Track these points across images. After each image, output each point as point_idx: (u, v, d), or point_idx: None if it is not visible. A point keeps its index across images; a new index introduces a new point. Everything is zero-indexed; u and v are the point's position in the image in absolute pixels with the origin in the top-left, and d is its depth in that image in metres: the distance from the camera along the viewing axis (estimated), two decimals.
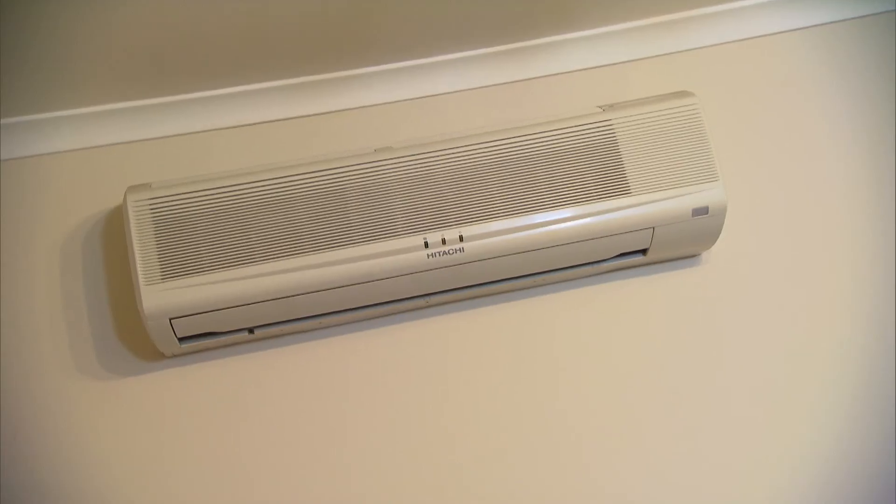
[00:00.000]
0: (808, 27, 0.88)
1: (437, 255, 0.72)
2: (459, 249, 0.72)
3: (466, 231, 0.72)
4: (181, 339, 0.71)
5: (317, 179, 0.70)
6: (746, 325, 0.81)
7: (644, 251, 0.79)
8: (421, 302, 0.77)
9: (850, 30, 0.89)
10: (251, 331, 0.73)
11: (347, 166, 0.71)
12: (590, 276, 0.80)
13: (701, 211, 0.77)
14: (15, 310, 0.72)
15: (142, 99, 0.72)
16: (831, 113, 0.88)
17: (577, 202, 0.75)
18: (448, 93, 0.84)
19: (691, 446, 0.77)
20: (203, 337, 0.72)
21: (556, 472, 0.75)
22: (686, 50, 0.85)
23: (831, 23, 0.88)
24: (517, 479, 0.74)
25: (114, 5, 0.53)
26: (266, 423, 0.74)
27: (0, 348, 0.70)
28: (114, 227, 0.73)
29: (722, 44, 0.86)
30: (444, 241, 0.72)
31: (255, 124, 0.75)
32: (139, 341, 0.72)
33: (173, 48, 0.64)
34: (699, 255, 0.82)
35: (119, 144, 0.73)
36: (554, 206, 0.74)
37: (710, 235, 0.79)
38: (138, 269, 0.68)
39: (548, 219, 0.74)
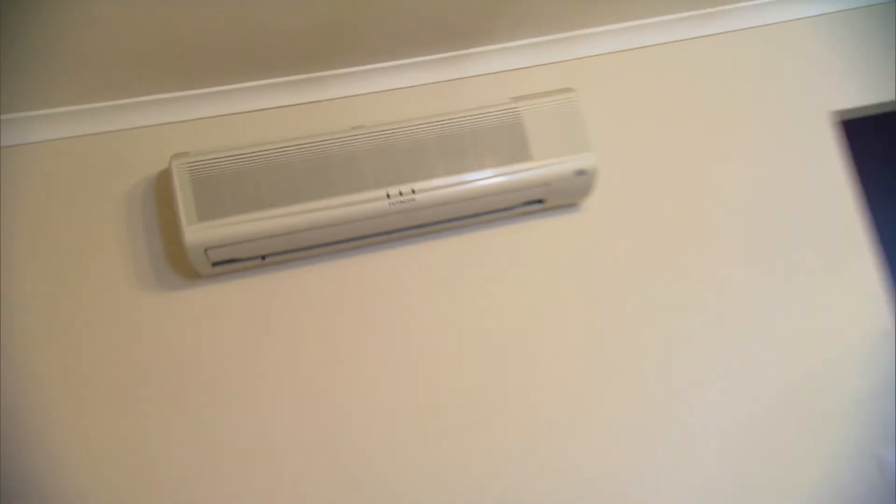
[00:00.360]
0: (660, 44, 1.23)
1: (396, 203, 1.02)
2: (412, 199, 1.02)
3: (417, 186, 1.02)
4: (213, 264, 0.98)
5: (309, 147, 0.98)
6: (612, 251, 1.17)
7: (542, 201, 1.12)
8: (384, 238, 1.08)
9: (688, 46, 1.25)
10: (263, 258, 1.02)
11: (331, 138, 1.00)
12: (503, 219, 1.13)
13: (580, 172, 1.10)
14: (94, 242, 0.98)
15: (171, 91, 0.99)
16: (675, 105, 1.24)
17: (494, 165, 1.06)
18: (406, 87, 1.14)
19: (574, 337, 1.12)
20: (229, 262, 1.00)
21: (481, 360, 1.09)
22: (572, 59, 1.18)
23: (674, 42, 1.23)
24: (462, 362, 1.07)
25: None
26: (271, 324, 1.04)
27: (82, 269, 0.97)
28: (162, 185, 0.99)
29: (598, 55, 1.20)
30: (400, 194, 1.02)
31: (263, 110, 1.04)
32: (183, 266, 0.99)
33: (197, 52, 0.91)
34: (579, 203, 1.17)
35: (163, 125, 0.99)
36: (479, 168, 1.05)
37: (586, 189, 1.13)
38: (181, 213, 0.94)
39: (474, 177, 1.05)
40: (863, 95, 1.30)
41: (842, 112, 1.31)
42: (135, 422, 0.98)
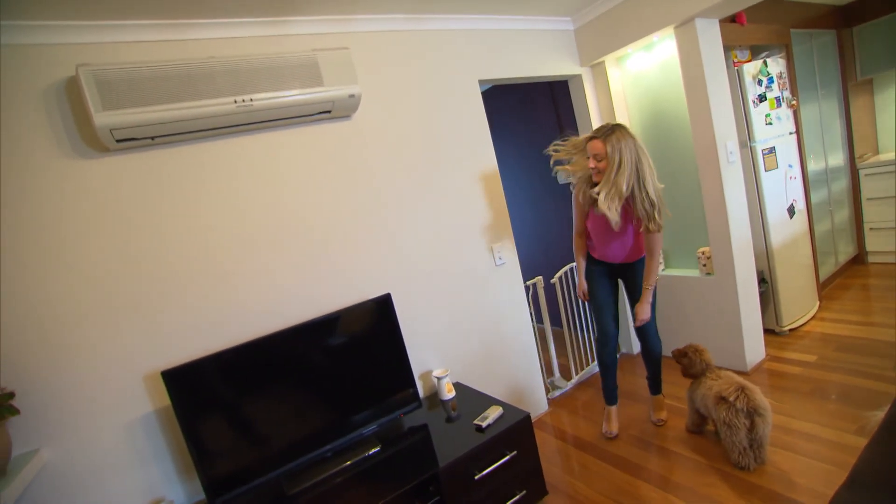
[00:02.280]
0: (396, 30, 2.12)
1: (240, 106, 1.68)
2: (250, 104, 1.70)
3: (254, 96, 1.70)
4: (117, 141, 1.51)
5: (182, 66, 1.56)
6: (368, 143, 2.08)
7: (329, 111, 1.93)
8: (232, 129, 1.75)
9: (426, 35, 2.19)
10: (152, 139, 1.59)
11: (197, 61, 1.59)
12: (306, 122, 1.92)
13: (352, 96, 1.93)
14: (27, 127, 1.40)
15: (81, 20, 1.43)
16: (401, 65, 2.18)
17: (301, 87, 1.80)
18: (248, 36, 1.78)
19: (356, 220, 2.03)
20: (128, 140, 1.54)
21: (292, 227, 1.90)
22: (348, 32, 2.00)
23: (402, 31, 2.15)
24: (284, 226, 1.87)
25: None
26: (158, 182, 1.64)
27: (22, 148, 1.41)
28: (72, 87, 1.47)
29: (364, 31, 2.04)
30: (244, 101, 1.69)
31: (146, 42, 1.57)
32: (95, 143, 1.51)
33: None
34: (351, 115, 2.03)
35: (73, 44, 1.46)
36: (292, 88, 1.78)
37: (355, 106, 1.98)
38: (89, 104, 1.44)
39: (289, 93, 1.78)
40: (498, 72, 2.48)
41: (483, 80, 2.46)
42: (65, 243, 1.49)
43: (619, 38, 2.60)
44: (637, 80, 2.83)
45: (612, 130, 1.89)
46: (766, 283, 2.85)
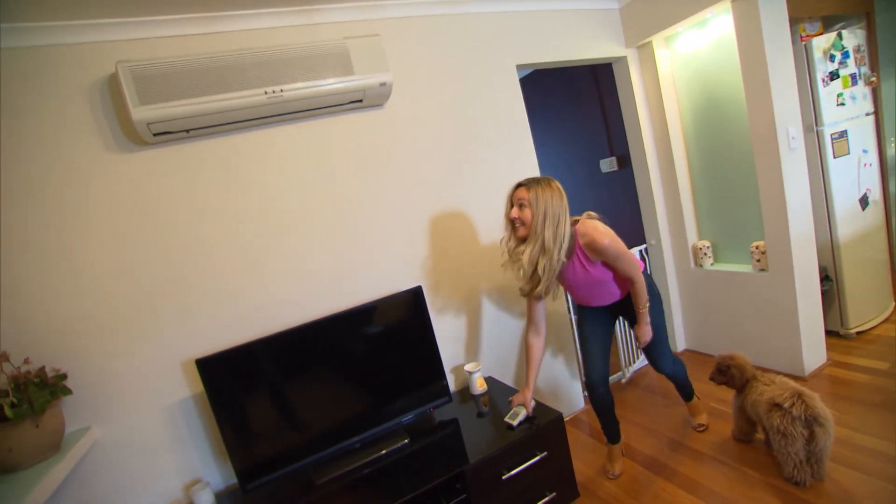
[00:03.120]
0: (427, 15, 2.06)
1: (270, 97, 1.68)
2: (280, 95, 1.70)
3: (284, 87, 1.70)
4: (154, 134, 1.55)
5: (214, 59, 1.58)
6: (400, 131, 2.04)
7: (361, 101, 1.90)
8: (262, 120, 1.75)
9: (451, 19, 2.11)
10: (188, 131, 1.62)
11: (229, 54, 1.60)
12: (337, 111, 1.90)
13: (383, 84, 1.90)
14: (70, 122, 1.47)
15: (118, 18, 1.48)
16: (434, 50, 2.11)
17: (332, 76, 1.78)
18: (278, 27, 1.79)
19: (389, 198, 2.01)
20: (164, 133, 1.58)
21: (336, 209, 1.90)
22: (378, 18, 1.96)
23: (431, 15, 2.07)
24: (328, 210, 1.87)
25: None
26: (194, 172, 1.67)
27: (65, 141, 1.48)
28: (113, 83, 1.52)
29: (394, 17, 2.00)
30: (274, 92, 1.69)
31: (182, 35, 1.60)
32: (134, 136, 1.56)
33: None
34: (383, 104, 1.99)
35: (110, 41, 1.50)
36: (322, 77, 1.76)
37: (387, 95, 1.94)
38: (127, 99, 1.48)
39: (319, 83, 1.76)
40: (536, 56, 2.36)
41: (521, 65, 2.35)
42: (109, 235, 1.56)
43: (668, 15, 2.41)
44: (687, 61, 2.63)
45: (537, 181, 1.67)
46: (830, 280, 2.60)
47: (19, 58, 1.44)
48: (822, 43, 2.43)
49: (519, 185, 1.70)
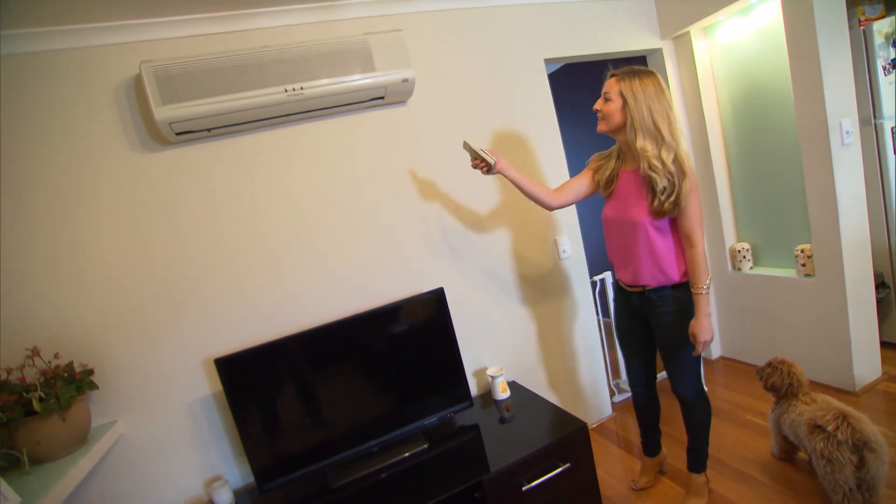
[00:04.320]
0: (449, 9, 1.99)
1: (291, 95, 1.66)
2: (301, 93, 1.67)
3: (305, 85, 1.68)
4: (177, 134, 1.56)
5: (235, 57, 1.57)
6: (424, 128, 1.99)
7: (382, 97, 1.86)
8: (283, 118, 1.74)
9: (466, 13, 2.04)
10: (209, 130, 1.62)
11: (249, 52, 1.59)
12: (359, 108, 1.87)
13: (405, 80, 1.85)
14: (97, 121, 1.49)
15: (141, 19, 1.49)
16: (456, 45, 2.05)
17: (353, 73, 1.74)
18: (298, 24, 1.77)
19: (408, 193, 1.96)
20: (187, 133, 1.58)
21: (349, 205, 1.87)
22: (399, 13, 1.91)
23: (455, 9, 2.01)
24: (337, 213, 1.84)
25: None
26: (216, 171, 1.67)
27: (92, 140, 1.51)
28: (138, 83, 1.53)
29: (416, 12, 1.95)
30: (294, 90, 1.67)
31: (204, 35, 1.60)
32: (157, 136, 1.57)
33: None
34: (406, 101, 1.94)
35: (134, 42, 1.52)
36: (343, 74, 1.73)
37: (409, 91, 1.89)
38: (150, 99, 1.49)
39: (340, 80, 1.73)
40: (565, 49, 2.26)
41: (549, 59, 2.25)
42: (135, 235, 1.58)
43: (709, 2, 2.27)
44: (728, 51, 2.47)
45: (634, 72, 1.49)
46: (887, 287, 2.40)
47: (48, 61, 1.47)
48: (883, 27, 2.23)
49: (612, 76, 1.54)
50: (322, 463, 1.68)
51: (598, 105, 1.56)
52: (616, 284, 1.82)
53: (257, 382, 1.62)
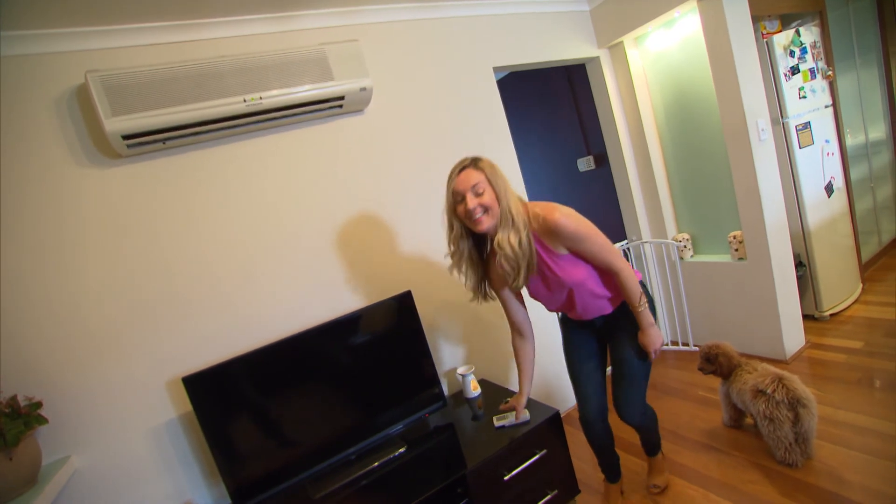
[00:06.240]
0: (404, 20, 2.06)
1: (249, 105, 1.64)
2: (259, 102, 1.66)
3: (263, 94, 1.66)
4: (128, 146, 1.49)
5: (191, 66, 1.53)
6: (381, 137, 2.03)
7: (341, 106, 1.88)
8: (241, 129, 1.71)
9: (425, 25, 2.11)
10: (164, 142, 1.56)
11: (206, 61, 1.56)
12: (318, 117, 1.87)
13: (363, 89, 1.88)
14: (39, 134, 1.40)
15: (85, 26, 1.42)
16: (411, 55, 2.11)
17: (311, 82, 1.75)
18: (255, 34, 1.75)
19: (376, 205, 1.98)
20: (139, 145, 1.52)
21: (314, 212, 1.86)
22: (356, 24, 1.95)
23: (410, 20, 2.08)
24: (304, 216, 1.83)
25: None
26: (170, 186, 1.62)
27: (35, 155, 1.42)
28: (82, 93, 1.45)
29: (372, 22, 1.99)
30: (252, 99, 1.65)
31: (154, 45, 1.55)
32: (108, 149, 1.49)
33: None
34: (363, 109, 1.97)
35: (77, 52, 1.44)
36: (301, 84, 1.73)
37: (367, 100, 1.93)
38: (99, 109, 1.42)
39: (298, 90, 1.73)
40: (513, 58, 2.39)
41: (497, 67, 2.37)
42: (81, 255, 1.49)
43: (637, 16, 2.48)
44: (658, 59, 2.71)
45: (476, 159, 1.41)
46: (803, 266, 2.70)
47: None
48: (782, 40, 2.54)
49: (462, 169, 1.38)
50: (300, 476, 1.64)
51: (473, 202, 1.34)
52: (564, 317, 1.73)
53: (228, 399, 1.57)
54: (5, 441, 1.27)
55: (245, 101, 1.63)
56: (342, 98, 1.83)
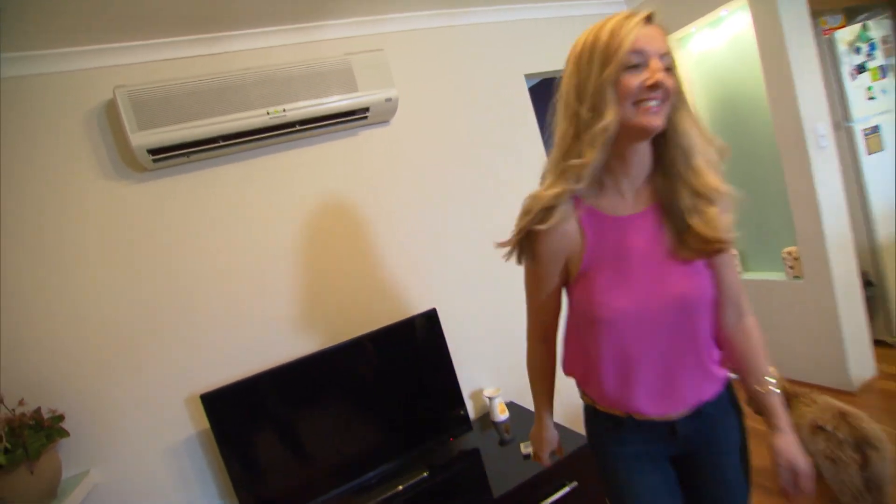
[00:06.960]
0: (433, 27, 2.00)
1: (273, 118, 1.62)
2: (283, 115, 1.64)
3: (287, 106, 1.64)
4: (154, 160, 1.50)
5: (215, 80, 1.52)
6: (408, 148, 1.97)
7: (366, 118, 1.83)
8: (265, 142, 1.69)
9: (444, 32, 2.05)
10: (188, 156, 1.56)
11: (229, 74, 1.55)
12: (343, 129, 1.83)
13: (388, 99, 1.83)
14: (69, 149, 1.43)
15: (112, 43, 1.45)
16: (439, 63, 2.05)
17: (335, 93, 1.71)
18: (279, 45, 1.74)
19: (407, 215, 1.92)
20: (165, 159, 1.52)
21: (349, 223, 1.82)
22: (381, 32, 1.91)
23: (439, 27, 2.02)
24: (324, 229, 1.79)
25: None
26: (195, 199, 1.61)
27: (64, 169, 1.44)
28: (111, 109, 1.48)
29: (398, 31, 1.95)
30: (276, 111, 1.63)
31: (180, 58, 1.56)
32: (134, 163, 1.50)
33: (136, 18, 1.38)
34: (389, 120, 1.92)
35: (106, 67, 1.47)
36: (325, 95, 1.70)
37: (393, 111, 1.88)
38: (125, 124, 1.43)
39: (325, 100, 1.70)
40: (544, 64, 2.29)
41: (529, 75, 2.27)
42: (107, 270, 1.49)
43: (681, 16, 2.33)
44: (702, 61, 2.53)
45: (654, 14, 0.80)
46: (872, 285, 2.43)
47: (17, 87, 1.41)
48: (846, 35, 2.32)
49: (648, 21, 0.79)
50: (318, 499, 1.58)
51: (661, 76, 0.77)
52: (618, 425, 0.97)
53: (246, 417, 1.53)
54: (27, 454, 1.28)
55: (268, 113, 1.61)
56: (367, 109, 1.79)
